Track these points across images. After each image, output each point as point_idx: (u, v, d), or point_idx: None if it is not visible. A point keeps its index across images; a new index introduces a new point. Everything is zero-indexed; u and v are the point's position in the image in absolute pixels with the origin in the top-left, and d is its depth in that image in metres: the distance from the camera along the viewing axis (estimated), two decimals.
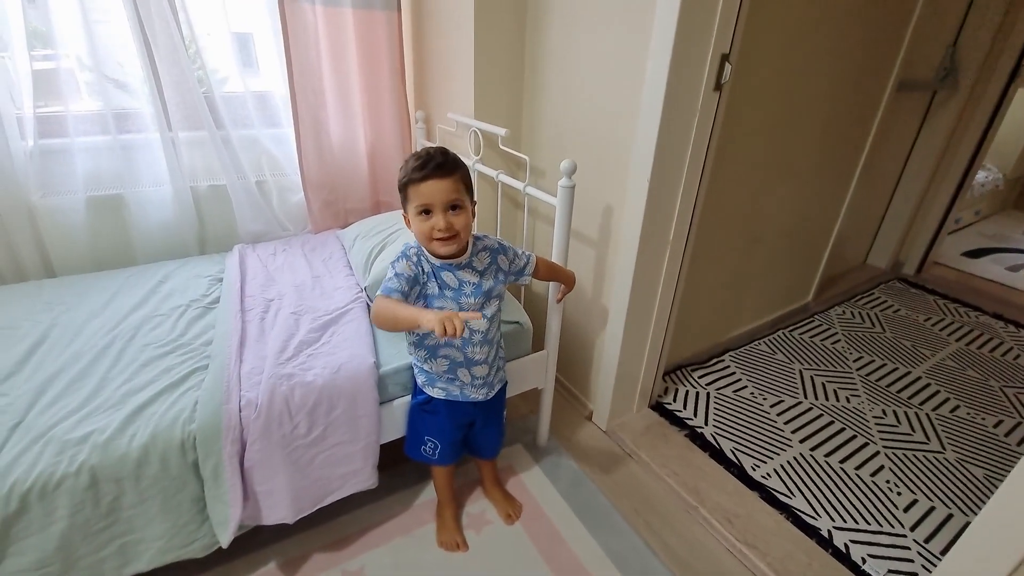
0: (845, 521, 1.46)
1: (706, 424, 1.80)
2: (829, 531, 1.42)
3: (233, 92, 1.86)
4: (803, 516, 1.46)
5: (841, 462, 1.66)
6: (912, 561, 1.36)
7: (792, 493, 1.54)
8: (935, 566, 1.17)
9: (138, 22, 1.60)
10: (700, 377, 2.05)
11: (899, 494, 1.55)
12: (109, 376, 1.22)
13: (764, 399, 1.94)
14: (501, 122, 1.70)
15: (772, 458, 1.67)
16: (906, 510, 1.50)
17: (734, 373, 2.09)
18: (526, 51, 1.72)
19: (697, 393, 1.96)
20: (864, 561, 1.35)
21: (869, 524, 1.45)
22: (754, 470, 1.62)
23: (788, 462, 1.65)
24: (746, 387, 2.01)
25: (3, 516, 0.95)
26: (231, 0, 1.73)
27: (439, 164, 1.00)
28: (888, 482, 1.59)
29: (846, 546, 1.38)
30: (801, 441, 1.74)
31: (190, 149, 1.84)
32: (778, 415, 1.86)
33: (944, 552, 1.37)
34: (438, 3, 1.77)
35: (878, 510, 1.50)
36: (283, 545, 1.33)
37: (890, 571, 1.33)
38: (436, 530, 1.39)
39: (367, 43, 1.86)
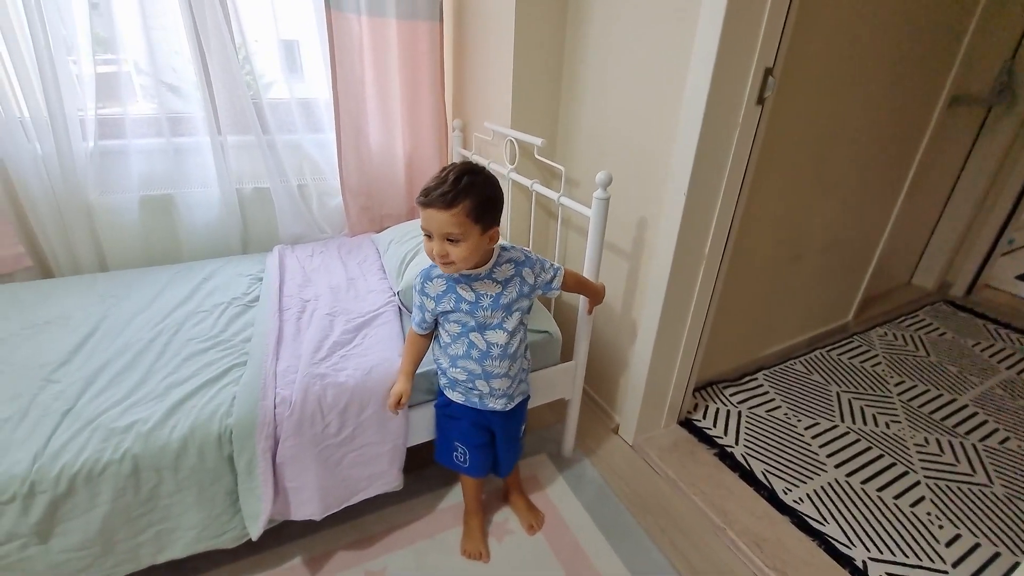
0: (881, 552, 1.40)
1: (736, 443, 1.76)
2: (864, 562, 1.37)
3: (279, 98, 1.93)
4: (836, 544, 1.41)
5: (879, 490, 1.60)
6: None
7: (825, 520, 1.49)
8: None
9: (194, 30, 1.67)
10: (732, 395, 2.01)
11: (941, 527, 1.48)
12: (154, 368, 1.27)
13: (798, 421, 1.89)
14: (537, 132, 1.71)
15: (805, 482, 1.61)
16: (948, 545, 1.43)
17: (767, 392, 2.04)
18: (564, 61, 1.73)
19: (728, 411, 1.92)
20: None
21: (907, 557, 1.39)
22: (786, 494, 1.57)
23: (822, 487, 1.60)
24: (780, 407, 1.95)
25: (52, 497, 1.00)
26: (280, 8, 1.80)
27: (442, 194, 0.97)
28: (929, 514, 1.52)
29: None
30: (836, 466, 1.68)
31: (237, 153, 1.92)
32: (813, 438, 1.80)
33: None
34: (479, 14, 1.80)
35: (917, 543, 1.43)
36: (309, 541, 1.36)
37: None
38: (462, 537, 1.39)
39: (409, 53, 1.90)
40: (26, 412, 1.12)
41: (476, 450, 1.28)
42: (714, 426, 1.84)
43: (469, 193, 0.99)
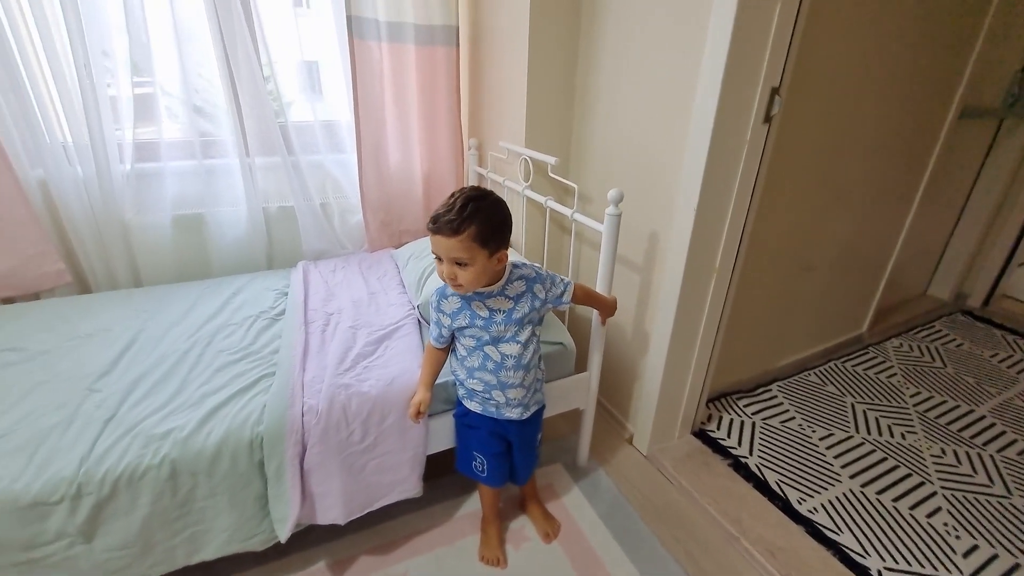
0: (897, 562, 1.40)
1: (751, 454, 1.78)
2: (879, 571, 1.37)
3: (304, 121, 2.02)
4: (851, 554, 1.42)
5: (894, 500, 1.60)
6: None
7: (840, 529, 1.50)
8: None
9: (225, 57, 1.77)
10: (746, 406, 2.02)
11: (958, 538, 1.48)
12: (189, 378, 1.34)
13: (813, 431, 1.90)
14: (551, 150, 1.77)
15: (820, 492, 1.62)
16: (965, 556, 1.43)
17: (782, 403, 2.05)
18: (577, 82, 1.79)
19: (742, 422, 1.93)
20: None
21: (923, 567, 1.39)
22: (800, 504, 1.58)
23: (837, 497, 1.61)
24: (794, 418, 1.96)
25: (97, 499, 1.06)
26: (305, 32, 1.89)
27: (448, 221, 1.01)
28: (946, 524, 1.52)
29: None
30: (851, 477, 1.69)
31: (264, 173, 2.01)
32: (827, 449, 1.81)
33: None
34: (494, 39, 1.88)
35: (934, 553, 1.43)
36: (334, 545, 1.41)
37: None
38: (480, 545, 1.43)
39: (427, 76, 1.98)
40: (71, 420, 1.19)
41: (494, 459, 1.32)
42: (728, 437, 1.86)
43: (475, 219, 1.02)
